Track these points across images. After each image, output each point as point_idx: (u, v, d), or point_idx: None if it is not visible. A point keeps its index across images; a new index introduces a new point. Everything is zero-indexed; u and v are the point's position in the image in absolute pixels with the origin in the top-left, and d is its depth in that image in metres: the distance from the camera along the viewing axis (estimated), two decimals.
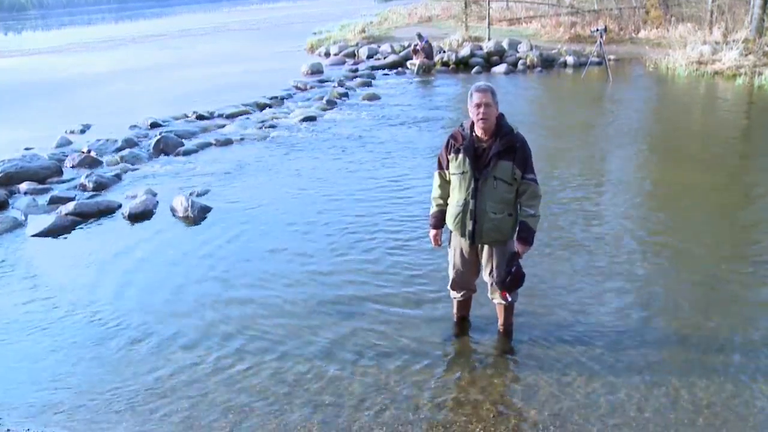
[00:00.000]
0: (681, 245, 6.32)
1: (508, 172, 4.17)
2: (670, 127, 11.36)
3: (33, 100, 16.39)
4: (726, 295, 5.36)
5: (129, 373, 4.61)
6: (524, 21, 24.12)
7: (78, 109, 14.65)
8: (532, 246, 4.38)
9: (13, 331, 5.28)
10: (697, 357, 4.48)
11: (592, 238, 6.55)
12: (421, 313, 5.21)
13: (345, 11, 38.11)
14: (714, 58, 16.27)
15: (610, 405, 4.04)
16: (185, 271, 6.26)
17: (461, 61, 18.67)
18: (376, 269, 6.03)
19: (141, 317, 5.36)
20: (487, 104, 4.11)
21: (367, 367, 4.54)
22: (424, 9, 29.57)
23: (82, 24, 51.35)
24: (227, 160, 10.04)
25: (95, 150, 10.57)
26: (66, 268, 6.47)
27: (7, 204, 8.36)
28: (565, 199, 7.66)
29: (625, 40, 20.56)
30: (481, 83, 4.27)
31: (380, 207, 7.62)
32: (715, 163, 8.97)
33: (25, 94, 17.32)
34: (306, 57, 21.94)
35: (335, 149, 10.43)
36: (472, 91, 4.22)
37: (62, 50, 29.37)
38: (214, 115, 13.33)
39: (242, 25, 38.88)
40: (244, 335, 5.03)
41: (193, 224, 7.48)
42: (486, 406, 4.10)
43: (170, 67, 21.25)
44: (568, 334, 4.81)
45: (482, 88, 4.19)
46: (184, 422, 4.07)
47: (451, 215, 4.40)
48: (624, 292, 5.44)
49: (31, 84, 19.03)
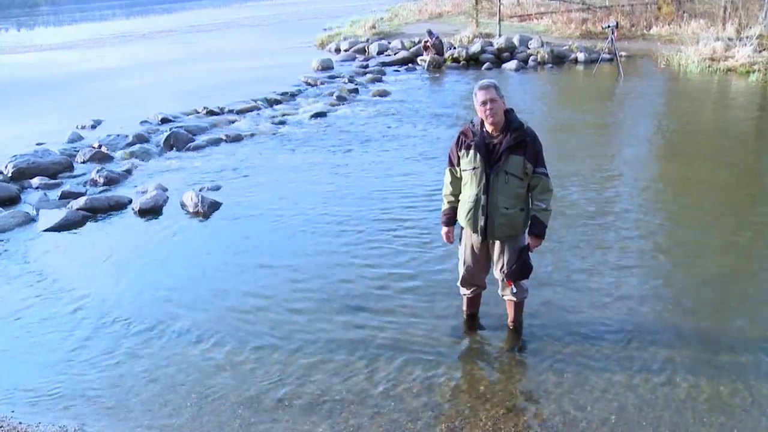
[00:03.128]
0: (694, 242, 6.28)
1: (520, 166, 4.17)
2: (682, 124, 11.27)
3: (44, 95, 16.46)
4: (740, 293, 5.31)
5: (139, 368, 4.63)
6: (535, 17, 24.00)
7: (89, 104, 14.71)
8: (544, 240, 4.37)
9: (24, 325, 5.31)
10: (711, 356, 4.45)
11: (603, 234, 6.52)
12: (430, 310, 5.19)
13: (355, 7, 38.06)
14: (727, 54, 16.10)
15: (622, 403, 4.01)
16: (196, 266, 6.28)
17: (472, 57, 18.58)
18: (386, 266, 6.02)
19: (152, 312, 5.38)
20: (492, 100, 4.12)
21: (376, 363, 4.54)
22: (434, 5, 29.44)
23: (94, 20, 51.58)
24: (237, 156, 10.05)
25: (106, 145, 10.60)
26: (77, 263, 6.50)
27: (19, 198, 8.41)
28: (577, 195, 7.62)
29: (637, 36, 20.42)
30: (484, 80, 4.28)
31: (391, 203, 7.60)
32: (728, 160, 8.89)
33: (36, 89, 17.41)
34: (316, 53, 21.92)
35: (345, 145, 10.42)
36: (476, 90, 4.23)
37: (73, 46, 29.51)
38: (225, 110, 13.32)
39: (252, 21, 38.91)
40: (254, 331, 5.03)
41: (203, 219, 7.50)
42: (495, 402, 4.09)
43: (180, 63, 21.29)
44: (579, 332, 4.79)
45: (485, 85, 4.19)
46: (194, 417, 4.09)
47: (463, 211, 4.40)
48: (636, 289, 5.40)
49: (42, 79, 19.11)
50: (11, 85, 18.40)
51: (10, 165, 9.17)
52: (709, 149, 9.63)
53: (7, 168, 9.14)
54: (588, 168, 8.67)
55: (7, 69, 22.32)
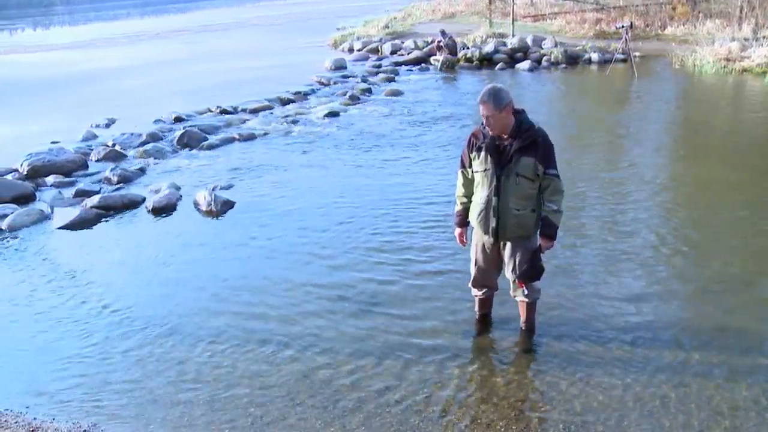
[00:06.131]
0: (708, 244, 6.23)
1: (530, 167, 4.15)
2: (696, 124, 11.19)
3: (59, 94, 16.58)
4: (755, 295, 5.27)
5: (153, 365, 4.66)
6: (549, 17, 23.89)
7: (103, 102, 14.79)
8: (555, 241, 4.35)
9: (39, 323, 5.35)
10: (725, 358, 4.41)
11: (616, 235, 6.48)
12: (443, 311, 5.18)
13: (369, 6, 38.05)
14: (743, 54, 15.93)
15: (635, 405, 3.99)
16: (208, 265, 6.30)
17: (485, 57, 18.51)
18: (398, 267, 6.01)
19: (165, 311, 5.41)
20: (490, 116, 4.08)
21: (388, 364, 4.54)
22: (447, 4, 29.36)
23: (108, 19, 51.87)
24: (250, 155, 10.08)
25: (120, 144, 10.67)
26: (91, 261, 6.54)
27: (34, 196, 8.48)
28: (590, 196, 7.58)
29: (651, 36, 20.27)
30: (484, 92, 4.14)
31: (404, 204, 7.58)
32: (743, 161, 8.82)
33: (51, 88, 17.53)
34: (329, 52, 21.94)
35: (358, 145, 10.42)
36: (478, 101, 4.17)
37: (87, 45, 29.68)
38: (238, 109, 13.37)
39: (265, 21, 39.00)
40: (266, 330, 5.05)
41: (216, 218, 7.52)
42: (508, 403, 4.07)
43: (193, 62, 21.37)
44: (592, 333, 4.76)
45: (483, 99, 4.11)
46: (206, 415, 4.11)
47: (475, 213, 4.39)
48: (649, 290, 5.37)
49: (57, 78, 19.24)
50: (26, 84, 18.54)
51: (26, 163, 9.25)
52: (723, 150, 9.55)
53: (22, 166, 9.23)
54: (601, 169, 8.62)
55: (22, 68, 22.49)
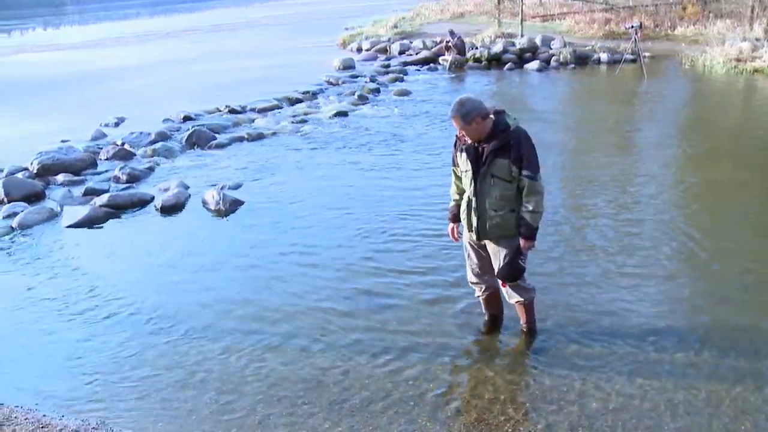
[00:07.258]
0: (717, 245, 6.19)
1: (505, 169, 4.19)
2: (707, 125, 11.13)
3: (69, 92, 16.65)
4: (765, 296, 5.23)
5: (161, 364, 4.68)
6: (557, 17, 23.82)
7: (112, 101, 14.85)
8: (534, 241, 4.34)
9: (48, 320, 5.39)
10: (733, 361, 4.39)
11: (624, 236, 6.45)
12: (448, 312, 5.18)
13: (377, 6, 38.03)
14: (754, 54, 15.80)
15: (641, 408, 3.97)
16: (217, 263, 6.32)
17: (493, 57, 18.45)
18: (405, 267, 6.01)
19: (174, 309, 5.43)
20: (461, 128, 4.19)
21: (394, 364, 4.54)
22: (456, 4, 29.31)
23: (117, 19, 52.05)
24: (259, 154, 10.09)
25: (129, 143, 10.71)
26: (100, 260, 6.57)
27: (43, 195, 8.52)
28: (598, 196, 7.55)
29: (661, 36, 20.16)
30: (452, 106, 4.17)
31: (412, 205, 7.56)
32: (754, 162, 8.77)
33: (60, 87, 17.61)
34: (338, 52, 21.95)
35: (366, 144, 10.42)
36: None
37: (97, 45, 29.80)
38: (246, 109, 13.38)
39: (274, 20, 39.04)
40: (273, 328, 5.06)
41: (224, 218, 7.54)
42: (514, 405, 4.07)
43: (201, 61, 21.41)
44: (598, 335, 4.75)
45: (452, 114, 4.16)
46: (214, 413, 4.12)
47: (461, 211, 4.51)
48: (656, 292, 5.34)
49: (66, 77, 19.32)
50: (36, 83, 18.63)
51: (36, 161, 9.30)
52: (734, 151, 9.49)
53: (32, 164, 9.27)
54: (609, 169, 8.58)
55: (33, 67, 22.60)
